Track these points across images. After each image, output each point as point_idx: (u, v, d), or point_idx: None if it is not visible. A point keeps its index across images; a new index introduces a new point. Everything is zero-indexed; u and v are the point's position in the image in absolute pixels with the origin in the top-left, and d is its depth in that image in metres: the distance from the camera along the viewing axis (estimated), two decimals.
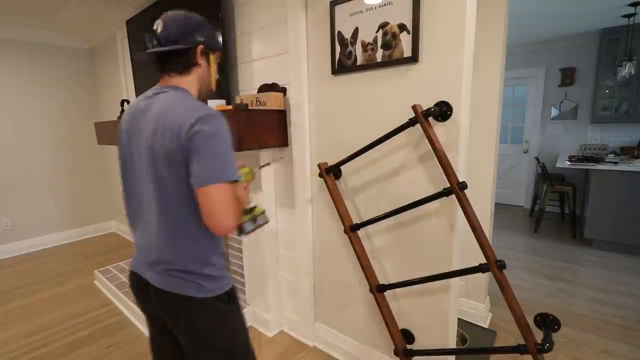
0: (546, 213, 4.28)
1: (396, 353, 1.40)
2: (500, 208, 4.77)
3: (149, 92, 0.95)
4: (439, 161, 1.19)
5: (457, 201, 1.21)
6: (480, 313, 2.05)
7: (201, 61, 0.97)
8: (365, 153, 1.43)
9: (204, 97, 1.04)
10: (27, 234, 3.55)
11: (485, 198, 1.93)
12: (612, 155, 3.77)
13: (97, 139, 2.99)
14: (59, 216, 3.75)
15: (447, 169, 1.17)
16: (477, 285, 2.04)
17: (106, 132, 2.82)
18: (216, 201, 0.80)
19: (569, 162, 3.49)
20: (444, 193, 1.20)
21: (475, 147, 1.90)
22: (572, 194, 3.73)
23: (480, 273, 1.15)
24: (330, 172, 1.55)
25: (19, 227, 3.49)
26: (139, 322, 2.14)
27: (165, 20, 0.93)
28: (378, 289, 1.41)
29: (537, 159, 4.14)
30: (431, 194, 1.25)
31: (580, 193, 4.21)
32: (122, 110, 2.71)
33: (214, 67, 1.03)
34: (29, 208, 3.53)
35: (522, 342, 1.14)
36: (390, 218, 1.40)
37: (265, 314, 2.03)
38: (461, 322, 1.98)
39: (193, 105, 0.86)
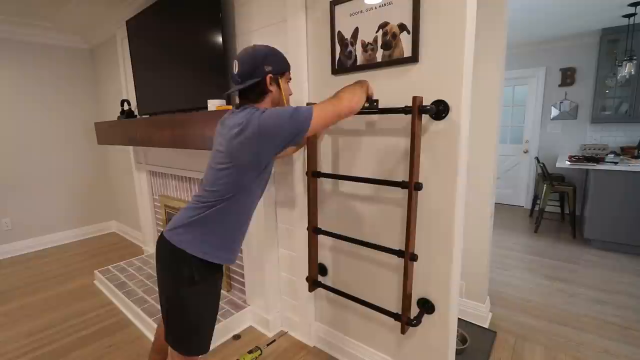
0: (546, 213, 4.28)
1: (307, 279, 1.73)
2: (500, 208, 4.77)
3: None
4: (410, 155, 1.24)
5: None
6: (481, 313, 2.05)
7: (272, 88, 1.17)
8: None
9: None
10: (27, 234, 3.55)
11: (485, 198, 1.93)
12: (612, 155, 3.77)
13: (97, 139, 2.99)
14: (59, 216, 3.75)
15: (414, 166, 1.25)
16: (478, 285, 2.04)
17: (106, 132, 2.82)
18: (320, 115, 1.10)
19: (569, 162, 3.49)
20: (401, 184, 1.30)
21: (475, 147, 1.90)
22: (572, 194, 3.73)
23: (481, 273, 1.16)
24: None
25: (19, 227, 3.49)
26: (139, 322, 2.14)
27: (238, 59, 1.15)
28: (314, 231, 1.66)
29: (537, 159, 4.14)
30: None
31: (580, 193, 4.21)
32: (122, 110, 2.72)
33: (285, 87, 1.22)
34: (29, 208, 3.53)
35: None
36: (360, 189, 1.55)
37: (265, 314, 2.03)
38: (461, 322, 1.98)
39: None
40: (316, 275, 1.73)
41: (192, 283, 1.13)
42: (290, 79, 1.27)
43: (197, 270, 1.13)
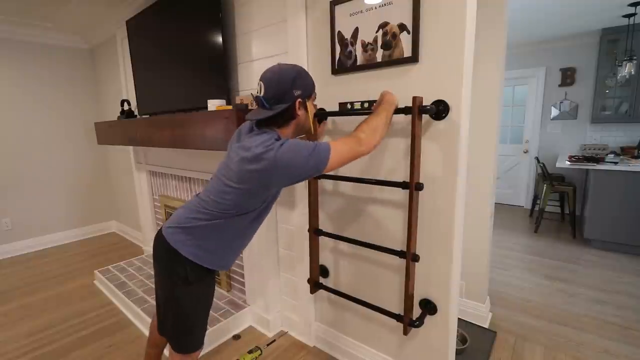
0: (546, 213, 4.28)
1: (309, 281, 1.71)
2: (501, 208, 4.77)
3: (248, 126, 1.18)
4: (410, 155, 1.24)
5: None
6: (481, 313, 2.05)
7: (299, 112, 1.11)
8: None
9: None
10: (27, 234, 3.55)
11: (485, 198, 1.93)
12: (612, 155, 3.77)
13: (97, 139, 2.99)
14: (59, 216, 3.75)
15: (414, 167, 1.24)
16: (478, 285, 2.04)
17: (106, 132, 2.82)
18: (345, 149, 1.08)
19: (569, 162, 3.49)
20: (402, 185, 1.30)
21: (475, 147, 1.90)
22: (572, 194, 3.73)
23: (481, 273, 1.16)
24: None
25: (19, 227, 3.49)
26: (139, 322, 2.14)
27: (264, 82, 1.07)
28: (315, 232, 1.65)
29: (537, 159, 4.14)
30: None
31: (580, 193, 4.21)
32: (122, 110, 2.72)
33: (311, 109, 1.16)
34: (29, 208, 3.53)
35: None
36: (361, 189, 1.56)
37: (265, 314, 2.03)
38: (461, 322, 1.98)
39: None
40: (317, 277, 1.73)
41: (187, 283, 1.14)
42: (316, 97, 1.22)
43: (192, 271, 1.14)
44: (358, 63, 1.42)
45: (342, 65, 1.48)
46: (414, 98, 1.19)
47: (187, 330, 1.20)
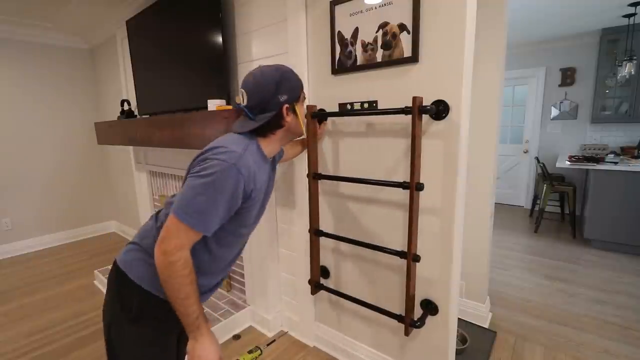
0: (546, 213, 4.28)
1: (310, 282, 1.72)
2: (501, 208, 4.77)
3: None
4: (411, 156, 1.24)
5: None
6: (481, 313, 2.05)
7: (288, 118, 0.99)
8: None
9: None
10: (27, 234, 3.55)
11: (485, 198, 1.93)
12: (612, 155, 3.77)
13: (97, 139, 2.99)
14: (59, 216, 3.75)
15: (415, 167, 1.24)
16: (478, 285, 2.04)
17: (106, 132, 2.82)
18: (165, 229, 0.82)
19: (569, 162, 3.49)
20: (402, 185, 1.29)
21: (475, 147, 1.90)
22: (572, 194, 3.73)
23: (481, 273, 1.16)
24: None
25: (19, 227, 3.49)
26: None
27: (246, 90, 0.95)
28: (315, 233, 1.65)
29: (537, 159, 4.14)
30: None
31: (580, 193, 4.21)
32: (122, 110, 2.72)
33: (301, 111, 1.04)
34: (29, 208, 3.53)
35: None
36: (361, 190, 1.55)
37: (265, 314, 2.03)
38: (461, 322, 1.98)
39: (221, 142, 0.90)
40: (318, 278, 1.73)
41: (130, 319, 0.89)
42: (305, 97, 1.08)
43: (141, 302, 0.88)
44: (358, 63, 1.42)
45: (342, 65, 1.48)
46: (414, 98, 1.19)
47: None
